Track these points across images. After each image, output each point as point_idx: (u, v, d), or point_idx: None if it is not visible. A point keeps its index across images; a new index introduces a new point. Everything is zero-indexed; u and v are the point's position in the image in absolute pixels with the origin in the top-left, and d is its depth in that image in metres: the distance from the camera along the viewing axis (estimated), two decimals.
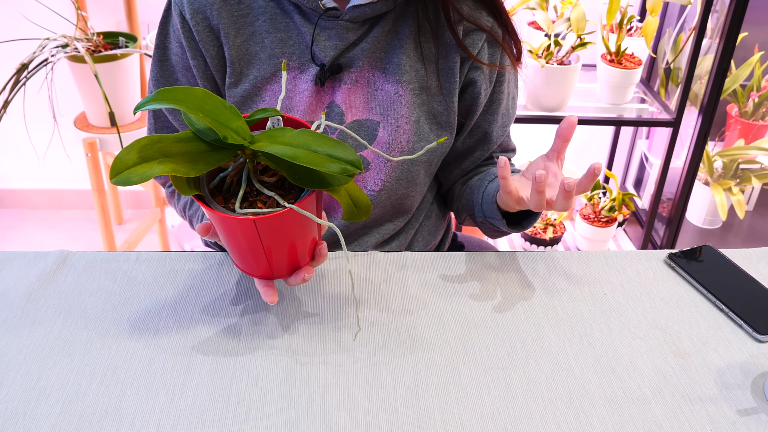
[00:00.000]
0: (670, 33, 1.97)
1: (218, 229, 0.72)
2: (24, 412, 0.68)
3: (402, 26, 0.89)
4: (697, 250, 0.92)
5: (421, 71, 0.90)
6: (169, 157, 0.63)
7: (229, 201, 0.69)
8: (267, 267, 0.73)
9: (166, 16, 0.91)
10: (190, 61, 0.90)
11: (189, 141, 0.65)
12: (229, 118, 0.64)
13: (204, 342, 0.76)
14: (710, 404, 0.71)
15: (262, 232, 0.67)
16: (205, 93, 0.65)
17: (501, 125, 0.99)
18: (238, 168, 0.70)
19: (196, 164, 0.63)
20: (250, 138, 0.65)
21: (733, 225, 2.30)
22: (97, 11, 2.08)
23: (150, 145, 0.62)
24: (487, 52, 0.91)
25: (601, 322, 0.81)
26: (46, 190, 2.48)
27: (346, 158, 0.64)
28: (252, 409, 0.69)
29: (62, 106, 1.97)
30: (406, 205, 0.97)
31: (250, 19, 0.88)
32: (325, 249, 0.76)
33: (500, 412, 0.69)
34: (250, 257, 0.73)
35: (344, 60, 0.89)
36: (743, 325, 0.81)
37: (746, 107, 2.09)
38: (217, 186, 0.71)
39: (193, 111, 0.62)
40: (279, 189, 0.70)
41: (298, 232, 0.71)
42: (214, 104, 0.64)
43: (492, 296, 0.84)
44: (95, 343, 0.76)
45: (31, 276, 0.85)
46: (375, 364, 0.74)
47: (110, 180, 0.61)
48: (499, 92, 0.95)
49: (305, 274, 0.74)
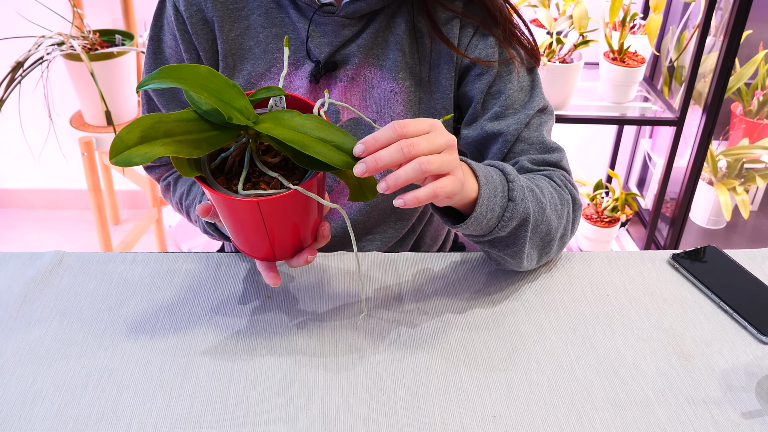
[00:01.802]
0: (674, 31, 1.96)
1: (220, 210, 0.70)
2: (19, 415, 0.67)
3: (398, 23, 0.88)
4: (700, 250, 0.92)
5: (417, 68, 0.89)
6: (172, 137, 0.61)
7: (231, 182, 0.68)
8: (269, 249, 0.72)
9: (161, 8, 0.90)
10: (183, 54, 0.90)
11: (191, 121, 0.63)
12: (234, 98, 0.63)
13: (201, 344, 0.76)
14: (714, 407, 0.70)
15: (265, 214, 0.66)
16: (209, 71, 0.63)
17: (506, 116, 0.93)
18: (240, 148, 0.69)
19: (199, 144, 0.62)
20: (254, 118, 0.64)
21: (737, 225, 2.29)
22: (94, 9, 2.08)
23: (153, 126, 0.61)
24: (497, 50, 0.88)
25: (604, 323, 0.80)
26: (41, 190, 2.48)
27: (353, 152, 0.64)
28: (250, 412, 0.68)
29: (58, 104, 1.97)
30: (407, 209, 0.96)
31: (245, 13, 0.88)
32: (328, 230, 0.75)
33: (501, 415, 0.69)
34: (253, 239, 0.72)
35: (340, 57, 0.88)
36: (748, 327, 0.80)
37: (751, 106, 2.08)
38: (218, 166, 0.69)
39: (197, 90, 0.61)
40: (282, 169, 0.69)
41: (302, 214, 0.70)
42: (218, 83, 0.63)
43: (493, 297, 0.84)
44: (91, 344, 0.75)
45: (27, 277, 0.84)
46: (375, 365, 0.74)
47: (110, 160, 0.59)
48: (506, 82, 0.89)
49: (308, 256, 0.73)
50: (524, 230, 0.77)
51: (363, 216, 0.93)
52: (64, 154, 2.21)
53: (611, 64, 1.78)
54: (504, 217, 0.74)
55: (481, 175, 0.73)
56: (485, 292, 0.84)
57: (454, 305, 0.82)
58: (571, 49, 1.73)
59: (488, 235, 0.76)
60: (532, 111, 0.88)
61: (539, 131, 0.90)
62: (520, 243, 0.78)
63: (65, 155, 2.22)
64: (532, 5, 1.76)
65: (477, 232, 0.76)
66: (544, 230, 0.80)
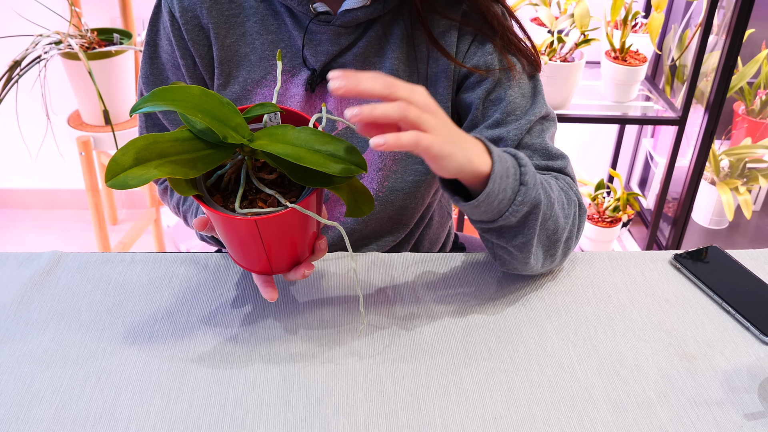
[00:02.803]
0: (676, 29, 1.96)
1: (217, 227, 0.71)
2: (17, 417, 0.67)
3: (394, 30, 0.87)
4: (703, 250, 0.91)
5: (414, 76, 0.88)
6: (167, 158, 0.61)
7: (227, 199, 0.68)
8: (266, 263, 0.72)
9: (156, 13, 0.90)
10: (179, 60, 0.89)
11: (186, 140, 0.64)
12: (228, 116, 0.63)
13: (200, 345, 0.76)
14: (716, 408, 0.70)
15: (263, 232, 0.66)
16: (202, 91, 0.64)
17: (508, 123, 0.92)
18: (236, 165, 0.69)
19: (194, 165, 0.62)
20: (249, 136, 0.64)
21: (739, 225, 2.29)
22: (91, 7, 2.07)
23: (147, 147, 0.61)
24: (496, 56, 0.87)
25: (605, 324, 0.80)
26: (39, 190, 2.47)
27: (351, 158, 0.63)
28: (249, 414, 0.68)
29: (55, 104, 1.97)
30: (406, 216, 0.95)
31: (241, 20, 0.87)
32: (325, 244, 0.75)
33: (502, 416, 0.68)
34: (250, 254, 0.72)
35: (336, 65, 0.87)
36: (750, 328, 0.80)
37: (753, 105, 2.07)
38: (214, 183, 0.69)
39: (191, 111, 0.61)
40: (279, 186, 0.69)
41: (299, 230, 0.70)
42: (211, 102, 0.63)
43: (494, 298, 0.83)
44: (89, 345, 0.75)
45: (24, 277, 0.84)
46: (374, 367, 0.73)
47: (105, 183, 0.60)
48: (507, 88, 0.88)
49: (305, 270, 0.73)
50: (534, 219, 0.75)
51: (360, 225, 0.93)
52: (62, 153, 2.21)
53: (613, 63, 1.77)
54: (515, 201, 0.73)
55: (495, 152, 0.71)
56: (486, 292, 0.84)
57: (455, 306, 0.82)
58: (573, 48, 1.72)
59: (498, 221, 0.74)
60: (534, 117, 0.87)
61: (542, 137, 0.88)
62: (529, 234, 0.76)
63: (63, 155, 2.22)
64: (533, 3, 1.76)
65: (487, 216, 0.74)
66: (551, 227, 0.79)
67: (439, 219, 1.05)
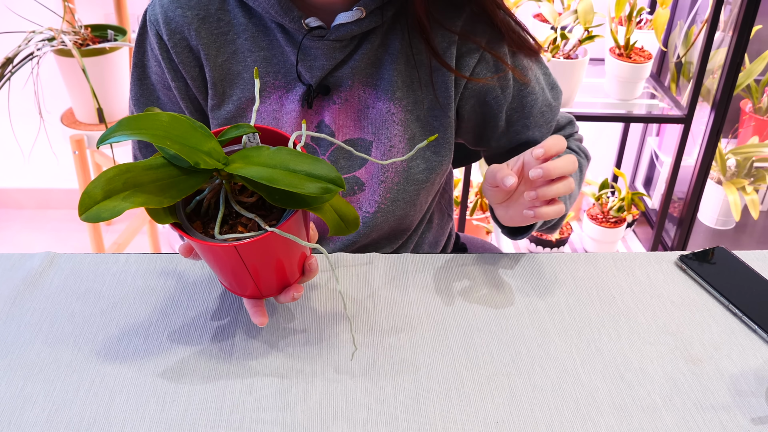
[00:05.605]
0: (681, 26, 1.94)
1: (200, 254, 0.70)
2: (9, 421, 0.67)
3: (392, 40, 0.86)
4: (709, 251, 0.91)
5: (414, 86, 0.87)
6: (140, 188, 0.60)
7: (208, 225, 0.67)
8: (255, 288, 0.71)
9: (142, 35, 0.88)
10: (170, 82, 0.87)
11: (159, 167, 0.62)
12: (200, 141, 0.62)
13: (196, 347, 0.75)
14: (723, 412, 0.70)
15: (245, 257, 0.65)
16: (172, 117, 0.62)
17: (540, 125, 0.93)
18: (214, 190, 0.68)
19: (168, 192, 0.61)
20: (224, 160, 0.62)
21: (746, 225, 2.28)
22: (85, 3, 2.06)
23: (117, 177, 0.60)
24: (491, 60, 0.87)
25: (610, 326, 0.79)
26: (31, 189, 2.46)
27: (327, 176, 0.61)
28: (246, 417, 0.67)
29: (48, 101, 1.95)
30: (405, 224, 0.94)
31: (231, 37, 0.85)
32: (315, 264, 0.74)
33: (504, 421, 0.68)
34: (236, 279, 0.71)
35: (333, 79, 0.86)
36: (757, 330, 0.79)
37: (760, 103, 2.06)
38: (194, 209, 0.68)
39: (161, 140, 0.60)
40: (260, 209, 0.67)
41: (284, 252, 0.69)
42: (181, 128, 0.62)
43: (496, 300, 0.83)
44: (83, 348, 0.74)
45: (16, 278, 0.83)
46: (374, 370, 0.73)
47: (79, 217, 0.59)
48: (526, 94, 0.89)
49: (294, 293, 0.72)
50: (571, 203, 0.89)
51: (362, 237, 0.92)
52: (55, 152, 2.20)
53: (617, 60, 1.76)
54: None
55: None
56: (487, 294, 0.83)
57: (456, 307, 0.81)
58: (576, 45, 1.71)
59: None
60: (558, 111, 0.95)
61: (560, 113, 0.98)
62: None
63: (56, 153, 2.21)
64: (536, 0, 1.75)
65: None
66: (576, 193, 0.93)
67: (439, 221, 1.05)
